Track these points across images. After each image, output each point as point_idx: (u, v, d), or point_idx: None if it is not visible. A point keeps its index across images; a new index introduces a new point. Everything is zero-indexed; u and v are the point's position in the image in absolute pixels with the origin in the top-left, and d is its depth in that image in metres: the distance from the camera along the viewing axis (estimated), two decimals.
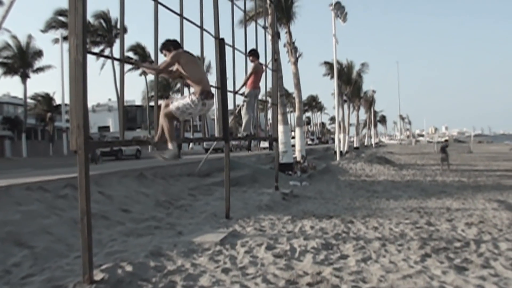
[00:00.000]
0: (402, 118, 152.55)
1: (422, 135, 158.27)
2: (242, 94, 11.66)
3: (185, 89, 10.75)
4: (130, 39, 79.59)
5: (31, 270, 6.26)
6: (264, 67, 12.39)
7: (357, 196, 15.23)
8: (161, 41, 7.37)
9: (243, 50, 12.00)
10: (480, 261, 6.60)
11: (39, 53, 50.59)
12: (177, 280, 5.71)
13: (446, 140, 42.56)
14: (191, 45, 8.84)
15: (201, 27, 9.32)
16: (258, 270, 6.15)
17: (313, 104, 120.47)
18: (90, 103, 75.45)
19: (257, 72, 11.63)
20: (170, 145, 7.19)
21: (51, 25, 50.03)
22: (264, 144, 54.62)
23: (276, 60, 16.46)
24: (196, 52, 7.71)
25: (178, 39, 8.14)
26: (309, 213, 11.12)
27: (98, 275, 5.58)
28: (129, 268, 5.98)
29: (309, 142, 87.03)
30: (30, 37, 49.99)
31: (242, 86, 11.64)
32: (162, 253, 6.90)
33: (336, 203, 13.33)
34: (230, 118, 11.85)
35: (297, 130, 27.62)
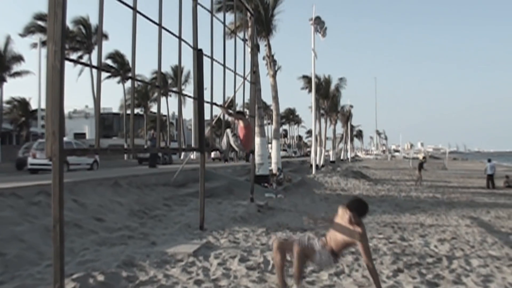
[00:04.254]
0: (378, 133, 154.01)
1: (398, 151, 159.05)
2: (218, 106, 11.64)
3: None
4: (109, 47, 79.18)
5: (1, 277, 6.17)
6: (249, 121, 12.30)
7: (332, 210, 15.21)
8: (139, 49, 7.36)
9: (222, 62, 12.01)
10: (452, 277, 6.69)
11: (18, 58, 50.08)
12: None
13: (424, 157, 42.75)
14: (169, 55, 8.86)
15: (179, 37, 9.31)
16: (231, 282, 6.15)
17: (291, 117, 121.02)
18: (67, 110, 75.04)
19: (247, 126, 11.56)
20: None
21: (29, 30, 49.59)
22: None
23: (254, 72, 16.53)
24: (174, 61, 7.71)
25: (157, 48, 8.18)
26: (283, 226, 11.14)
27: (69, 284, 5.54)
28: (101, 278, 5.93)
29: (292, 154, 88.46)
30: (8, 38, 49.47)
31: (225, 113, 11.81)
32: (135, 263, 6.85)
33: None
34: (207, 129, 11.81)
35: (274, 142, 27.67)
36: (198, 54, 10.19)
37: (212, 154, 50.05)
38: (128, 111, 64.36)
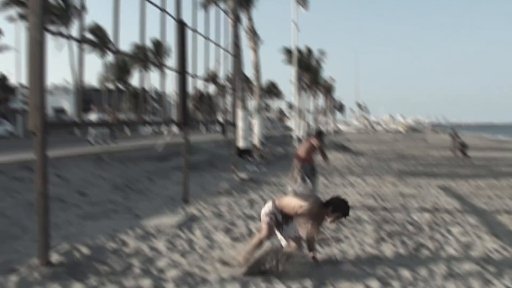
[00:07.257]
0: (359, 105, 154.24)
1: (379, 123, 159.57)
2: (201, 79, 11.57)
3: None
4: (88, 20, 78.10)
5: None
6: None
7: None
8: (121, 22, 7.27)
9: (204, 33, 11.91)
10: (434, 245, 6.84)
11: None
12: (134, 262, 5.72)
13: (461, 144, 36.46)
14: (151, 27, 8.81)
15: (163, 10, 9.22)
16: (217, 253, 6.20)
17: (273, 90, 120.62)
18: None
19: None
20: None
21: (6, 3, 48.64)
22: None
23: (236, 44, 16.45)
24: (154, 34, 7.62)
25: (137, 21, 8.09)
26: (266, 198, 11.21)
27: (54, 258, 5.54)
28: (86, 250, 5.96)
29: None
30: None
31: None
32: (120, 236, 6.88)
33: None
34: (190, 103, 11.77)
35: (256, 116, 27.68)
36: (181, 27, 10.09)
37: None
38: (108, 86, 63.90)
